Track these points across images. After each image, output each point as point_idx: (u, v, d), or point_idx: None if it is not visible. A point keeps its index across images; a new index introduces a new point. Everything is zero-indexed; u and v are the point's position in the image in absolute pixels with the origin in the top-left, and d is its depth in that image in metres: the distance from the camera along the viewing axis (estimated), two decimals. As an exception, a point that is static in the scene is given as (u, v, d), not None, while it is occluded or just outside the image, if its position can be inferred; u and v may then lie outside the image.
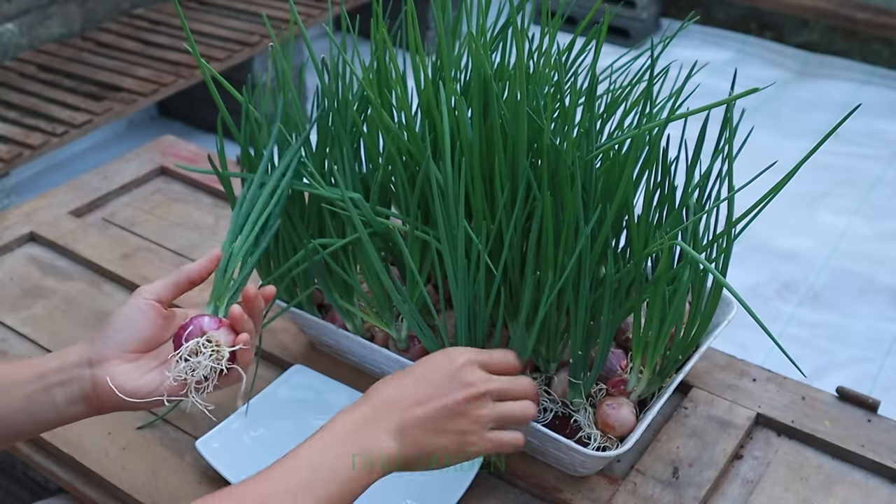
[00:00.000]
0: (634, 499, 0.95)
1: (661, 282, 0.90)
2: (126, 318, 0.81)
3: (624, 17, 3.87)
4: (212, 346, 0.80)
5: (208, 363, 0.79)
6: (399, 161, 0.97)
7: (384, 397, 0.81)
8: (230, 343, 0.81)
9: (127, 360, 0.80)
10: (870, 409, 1.07)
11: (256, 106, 1.00)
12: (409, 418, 0.80)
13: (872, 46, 3.69)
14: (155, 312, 0.82)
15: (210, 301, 0.87)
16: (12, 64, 2.95)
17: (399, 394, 0.82)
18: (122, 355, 0.80)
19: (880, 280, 2.53)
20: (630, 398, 0.98)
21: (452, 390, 0.82)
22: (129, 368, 0.79)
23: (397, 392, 0.82)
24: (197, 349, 0.79)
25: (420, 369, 0.84)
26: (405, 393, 0.82)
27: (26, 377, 0.78)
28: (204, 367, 0.79)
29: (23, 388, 0.77)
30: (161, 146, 1.60)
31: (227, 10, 3.32)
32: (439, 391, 0.82)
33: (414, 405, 0.81)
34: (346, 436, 0.78)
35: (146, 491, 0.97)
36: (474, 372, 0.84)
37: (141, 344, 0.81)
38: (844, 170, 3.01)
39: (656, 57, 0.90)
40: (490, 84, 0.90)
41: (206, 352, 0.79)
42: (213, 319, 0.82)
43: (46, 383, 0.78)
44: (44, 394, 0.78)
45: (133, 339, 0.80)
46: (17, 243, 1.37)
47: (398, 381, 0.83)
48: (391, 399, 0.81)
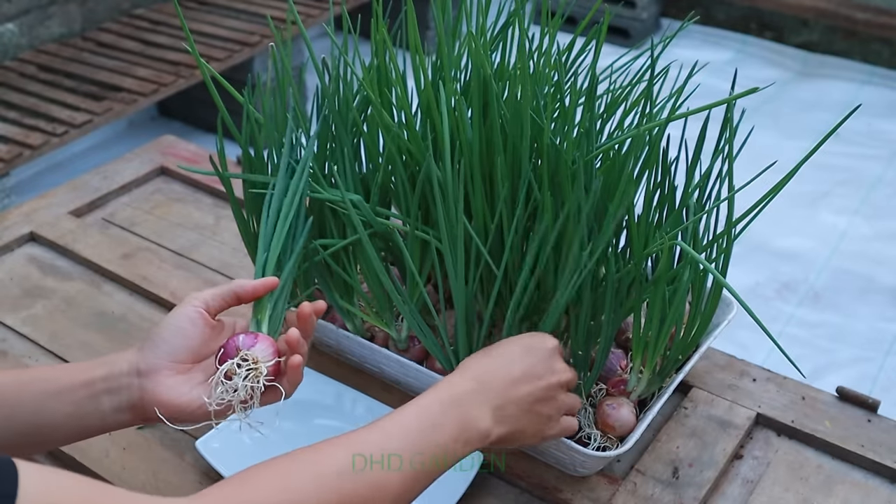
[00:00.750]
0: (634, 499, 0.95)
1: (661, 282, 0.90)
2: (175, 327, 0.79)
3: (624, 17, 3.87)
4: (248, 365, 0.76)
5: (246, 384, 0.76)
6: (399, 161, 0.97)
7: (487, 371, 0.81)
8: (268, 357, 0.78)
9: (176, 371, 0.78)
10: (870, 409, 1.07)
11: (257, 106, 1.00)
12: (512, 397, 0.80)
13: (872, 46, 3.69)
14: (203, 322, 0.80)
15: (252, 316, 0.84)
16: (12, 64, 2.95)
17: (503, 370, 0.81)
18: (171, 366, 0.77)
19: (880, 280, 2.53)
20: (630, 398, 0.98)
21: (547, 374, 0.83)
22: (178, 381, 0.77)
23: (501, 368, 0.81)
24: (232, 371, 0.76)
25: (516, 348, 0.84)
26: (508, 370, 0.81)
27: (75, 383, 0.76)
28: (243, 388, 0.76)
29: (71, 395, 0.76)
30: (161, 146, 1.60)
31: (227, 10, 3.32)
32: (537, 372, 0.82)
33: (517, 383, 0.81)
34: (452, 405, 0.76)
35: (146, 491, 0.97)
36: (560, 360, 0.86)
37: (189, 354, 0.79)
38: (844, 170, 3.01)
39: (656, 57, 0.90)
40: (490, 84, 0.90)
41: (240, 372, 0.76)
42: (248, 336, 0.79)
43: (94, 391, 0.76)
44: (91, 401, 0.76)
45: (182, 350, 0.78)
46: (17, 243, 1.37)
47: (497, 357, 0.83)
48: (495, 374, 0.81)
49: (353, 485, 0.69)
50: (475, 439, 0.77)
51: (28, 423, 0.75)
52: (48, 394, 0.76)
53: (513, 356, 0.83)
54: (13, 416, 0.75)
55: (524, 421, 0.81)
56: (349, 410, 1.06)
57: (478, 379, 0.80)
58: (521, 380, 0.81)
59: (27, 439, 0.76)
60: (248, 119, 0.99)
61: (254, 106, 1.00)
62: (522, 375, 0.81)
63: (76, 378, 0.76)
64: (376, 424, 0.74)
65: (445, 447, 0.75)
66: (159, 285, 1.27)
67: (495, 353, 0.84)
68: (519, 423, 0.81)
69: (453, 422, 0.76)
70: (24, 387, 0.76)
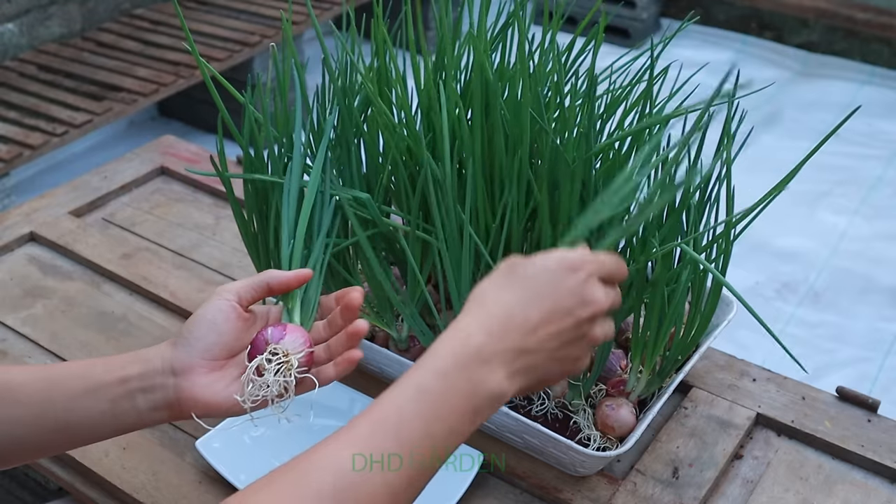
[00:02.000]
0: (634, 499, 0.95)
1: (661, 282, 0.90)
2: (208, 321, 0.76)
3: (624, 17, 3.87)
4: (278, 359, 0.74)
5: (278, 378, 0.73)
6: (400, 161, 0.97)
7: (501, 318, 0.67)
8: (299, 347, 0.75)
9: (210, 368, 0.76)
10: (870, 409, 1.07)
11: (257, 106, 1.00)
12: (532, 346, 0.67)
13: (872, 46, 3.69)
14: (236, 315, 0.77)
15: (284, 305, 0.81)
16: (12, 64, 2.95)
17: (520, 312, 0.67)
18: (205, 363, 0.75)
19: (880, 280, 2.53)
20: (629, 398, 0.98)
21: (579, 307, 0.68)
22: (213, 379, 0.75)
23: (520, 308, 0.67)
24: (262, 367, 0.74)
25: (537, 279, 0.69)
26: (526, 311, 0.67)
27: (109, 381, 0.75)
28: (275, 384, 0.73)
29: (108, 392, 0.75)
30: (161, 146, 1.60)
31: (227, 10, 3.31)
32: (566, 307, 0.68)
33: (536, 327, 0.67)
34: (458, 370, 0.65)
35: (146, 491, 0.97)
36: (597, 286, 0.70)
37: (223, 350, 0.76)
38: (844, 170, 3.01)
39: (656, 57, 0.90)
40: (491, 84, 0.90)
41: (270, 367, 0.73)
42: (276, 329, 0.76)
43: (129, 389, 0.75)
44: (127, 399, 0.75)
45: (216, 345, 0.76)
46: (17, 243, 1.37)
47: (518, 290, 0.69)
48: (510, 320, 0.67)
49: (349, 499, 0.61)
50: (486, 406, 0.66)
51: (60, 420, 0.74)
52: (81, 391, 0.74)
53: (538, 288, 0.68)
54: (44, 415, 0.74)
55: (547, 368, 0.69)
56: (349, 410, 1.06)
57: (490, 329, 0.67)
58: (545, 320, 0.67)
59: (59, 436, 0.75)
60: (248, 119, 0.99)
61: (254, 106, 1.00)
62: (548, 314, 0.68)
63: (111, 375, 0.75)
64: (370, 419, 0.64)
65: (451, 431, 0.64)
66: (159, 285, 1.27)
67: (517, 283, 0.69)
68: (539, 373, 0.69)
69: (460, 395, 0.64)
70: (55, 385, 0.75)
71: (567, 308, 0.68)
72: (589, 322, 0.69)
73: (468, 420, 0.65)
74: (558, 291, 0.68)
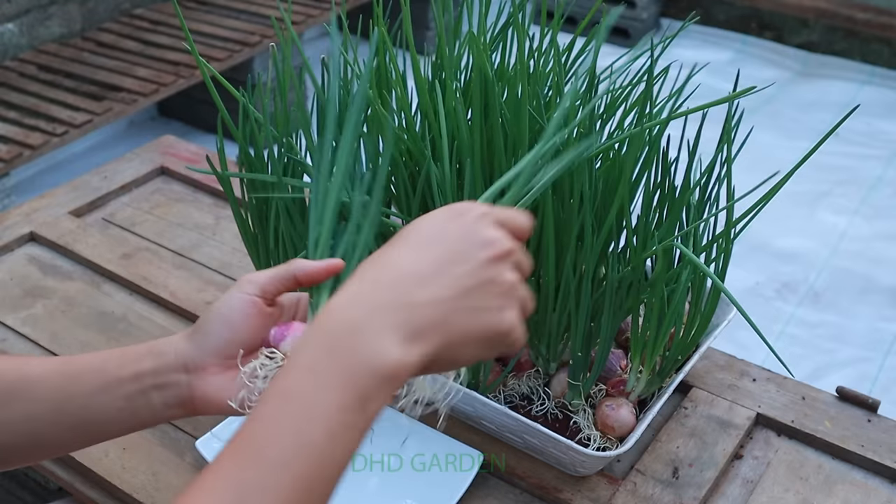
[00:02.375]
0: (634, 499, 0.95)
1: (660, 282, 0.90)
2: (223, 318, 0.70)
3: (624, 17, 3.87)
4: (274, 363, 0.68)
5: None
6: (400, 161, 0.97)
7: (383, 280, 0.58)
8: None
9: (225, 367, 0.70)
10: (870, 409, 1.07)
11: (257, 106, 1.00)
12: (423, 301, 0.57)
13: (872, 46, 3.69)
14: (256, 311, 0.70)
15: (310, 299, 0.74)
16: (12, 64, 2.95)
17: (399, 270, 0.58)
18: (218, 362, 0.70)
19: (880, 280, 2.53)
20: (629, 398, 0.98)
21: (472, 251, 0.59)
22: (227, 379, 0.70)
23: (397, 268, 0.58)
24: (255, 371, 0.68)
25: (419, 232, 0.61)
26: (406, 266, 0.58)
27: (123, 377, 0.71)
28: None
29: (123, 389, 0.71)
30: (161, 146, 1.60)
31: (227, 10, 3.32)
32: (458, 252, 0.59)
33: (425, 280, 0.57)
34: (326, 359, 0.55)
35: (146, 491, 0.97)
36: (492, 226, 0.61)
37: (238, 347, 0.71)
38: (844, 170, 3.01)
39: (656, 57, 0.90)
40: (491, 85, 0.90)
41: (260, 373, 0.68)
42: (280, 328, 0.70)
43: (143, 385, 0.71)
44: (142, 396, 0.71)
45: (229, 343, 0.70)
46: (17, 243, 1.37)
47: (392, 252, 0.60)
48: (389, 280, 0.57)
49: None
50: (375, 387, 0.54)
51: (78, 416, 0.71)
52: (97, 388, 0.71)
53: (413, 241, 0.60)
54: (62, 410, 0.71)
55: (459, 322, 0.57)
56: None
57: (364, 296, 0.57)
58: (436, 270, 0.58)
59: (79, 433, 0.73)
60: (247, 119, 0.99)
61: (254, 106, 1.00)
62: (433, 264, 0.58)
63: (124, 370, 0.71)
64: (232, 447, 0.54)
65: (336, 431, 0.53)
66: (159, 285, 1.27)
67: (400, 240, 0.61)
68: (452, 329, 0.57)
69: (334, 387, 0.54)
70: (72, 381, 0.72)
71: (460, 250, 0.59)
72: (492, 264, 0.59)
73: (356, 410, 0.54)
74: (443, 233, 0.60)
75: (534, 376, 1.01)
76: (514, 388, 1.01)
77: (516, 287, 0.60)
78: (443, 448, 0.98)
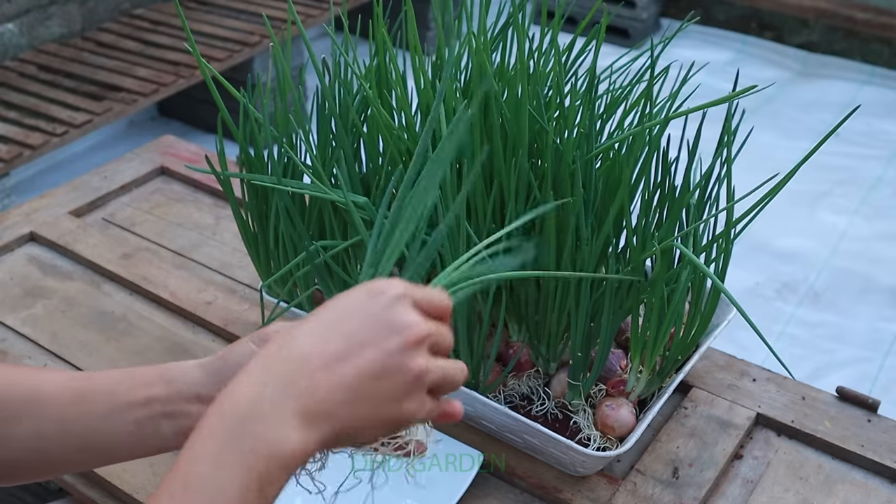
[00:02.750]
0: (634, 499, 0.95)
1: (659, 282, 0.90)
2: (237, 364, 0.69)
3: (624, 17, 3.87)
4: None
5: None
6: (400, 161, 0.97)
7: (284, 360, 0.58)
8: None
9: None
10: (870, 409, 1.07)
11: (257, 106, 1.00)
12: (325, 385, 0.57)
13: (872, 46, 3.69)
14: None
15: None
16: (12, 64, 2.95)
17: (305, 351, 0.58)
18: None
19: (880, 280, 2.53)
20: (629, 398, 0.98)
21: (382, 336, 0.59)
22: None
23: (303, 348, 0.58)
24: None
25: (332, 311, 0.61)
26: (314, 348, 0.58)
27: (134, 402, 0.70)
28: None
29: (132, 414, 0.70)
30: (161, 146, 1.60)
31: (227, 10, 3.32)
32: (365, 338, 0.59)
33: (330, 364, 0.58)
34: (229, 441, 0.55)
35: (146, 491, 0.97)
36: (408, 310, 0.60)
37: None
38: (844, 170, 3.01)
39: (656, 57, 0.90)
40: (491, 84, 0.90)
41: None
42: None
43: (153, 412, 0.70)
44: (151, 422, 0.71)
45: None
46: (17, 243, 1.37)
47: (302, 330, 0.60)
48: (295, 360, 0.58)
49: None
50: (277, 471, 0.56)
51: (86, 438, 0.71)
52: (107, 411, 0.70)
53: (325, 322, 0.60)
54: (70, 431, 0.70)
55: (362, 411, 0.58)
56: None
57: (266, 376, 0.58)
58: (338, 355, 0.58)
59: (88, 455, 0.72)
60: (247, 119, 0.99)
61: (254, 106, 1.00)
62: (340, 348, 0.58)
63: (135, 395, 0.70)
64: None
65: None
66: (159, 285, 1.27)
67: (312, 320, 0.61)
68: (354, 416, 0.58)
69: (233, 478, 0.54)
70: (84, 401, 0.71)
71: (369, 336, 0.59)
72: (402, 351, 0.59)
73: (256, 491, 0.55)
74: (355, 317, 0.60)
75: (534, 376, 1.01)
76: (514, 388, 1.01)
77: (425, 374, 0.60)
78: (443, 448, 0.98)
